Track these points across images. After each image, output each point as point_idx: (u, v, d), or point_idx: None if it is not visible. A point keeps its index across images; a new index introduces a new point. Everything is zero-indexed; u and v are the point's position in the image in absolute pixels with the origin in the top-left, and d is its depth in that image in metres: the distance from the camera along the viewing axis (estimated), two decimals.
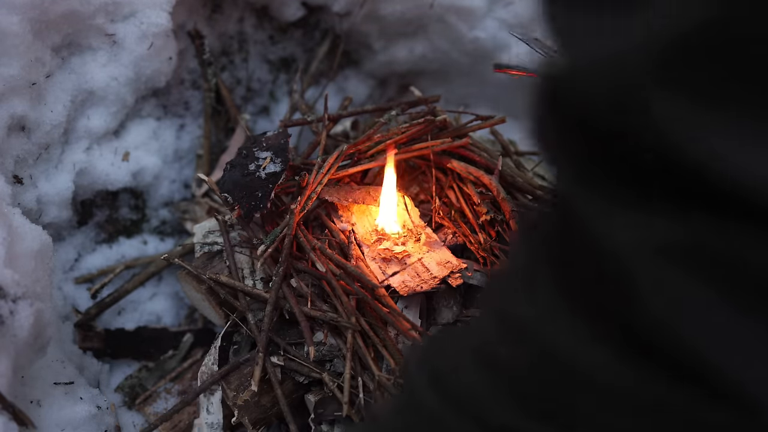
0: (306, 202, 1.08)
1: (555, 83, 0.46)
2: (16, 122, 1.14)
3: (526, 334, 0.46)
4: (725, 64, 0.37)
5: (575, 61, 0.44)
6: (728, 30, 0.36)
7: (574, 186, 0.44)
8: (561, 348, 0.44)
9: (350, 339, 0.98)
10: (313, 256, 1.04)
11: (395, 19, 1.51)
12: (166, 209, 1.44)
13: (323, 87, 1.58)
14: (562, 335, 0.44)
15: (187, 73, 1.44)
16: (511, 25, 1.49)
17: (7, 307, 0.91)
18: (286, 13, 1.49)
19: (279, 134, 1.18)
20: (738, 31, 0.36)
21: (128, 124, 1.37)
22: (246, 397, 1.02)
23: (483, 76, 1.62)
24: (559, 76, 0.46)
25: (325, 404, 1.02)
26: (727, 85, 0.37)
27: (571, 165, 0.46)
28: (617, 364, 0.42)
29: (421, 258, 1.05)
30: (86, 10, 1.21)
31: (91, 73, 1.26)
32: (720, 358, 0.39)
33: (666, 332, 0.40)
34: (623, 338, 0.42)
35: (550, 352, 0.45)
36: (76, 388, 1.07)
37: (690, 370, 0.40)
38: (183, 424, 1.12)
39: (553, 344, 0.45)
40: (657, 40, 0.38)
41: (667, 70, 0.38)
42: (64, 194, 1.24)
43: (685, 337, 0.39)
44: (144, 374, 1.29)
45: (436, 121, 1.18)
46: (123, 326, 1.31)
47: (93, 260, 1.35)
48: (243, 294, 1.07)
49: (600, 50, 0.41)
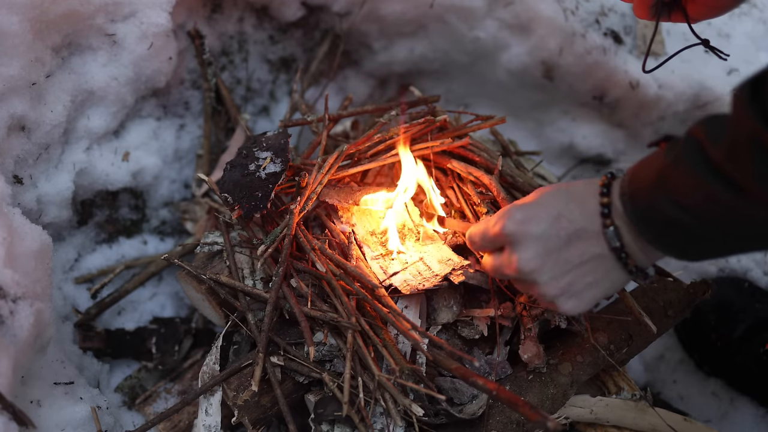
0: (306, 203, 1.08)
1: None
2: (16, 122, 1.14)
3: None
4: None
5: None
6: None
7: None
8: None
9: (350, 339, 0.98)
10: (313, 256, 1.04)
11: (395, 19, 1.51)
12: (166, 209, 1.44)
13: (323, 87, 1.58)
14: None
15: (187, 73, 1.44)
16: (510, 25, 1.50)
17: (7, 307, 0.91)
18: (286, 13, 1.49)
19: (279, 134, 1.18)
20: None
21: (128, 124, 1.37)
22: (246, 397, 1.03)
23: (483, 75, 1.62)
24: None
25: (325, 404, 1.02)
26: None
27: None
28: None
29: (422, 257, 1.05)
30: (86, 10, 1.21)
31: (91, 73, 1.26)
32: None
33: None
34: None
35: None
36: (76, 388, 1.07)
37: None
38: (183, 424, 1.13)
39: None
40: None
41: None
42: (64, 194, 1.24)
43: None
44: (144, 374, 1.29)
45: (436, 121, 1.18)
46: (123, 326, 1.31)
47: (93, 260, 1.36)
48: (243, 294, 1.07)
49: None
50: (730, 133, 0.66)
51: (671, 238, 0.75)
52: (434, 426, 1.02)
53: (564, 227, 0.82)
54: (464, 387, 1.02)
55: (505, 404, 0.84)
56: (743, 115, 0.63)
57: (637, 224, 0.76)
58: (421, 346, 0.94)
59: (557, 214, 0.83)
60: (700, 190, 0.68)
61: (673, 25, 1.56)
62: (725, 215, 0.67)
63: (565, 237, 0.82)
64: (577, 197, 0.84)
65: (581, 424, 1.11)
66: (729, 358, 1.34)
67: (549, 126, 1.64)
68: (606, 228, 0.79)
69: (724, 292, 1.35)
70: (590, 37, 1.48)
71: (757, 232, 0.68)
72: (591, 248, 0.81)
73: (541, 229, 0.83)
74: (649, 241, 0.77)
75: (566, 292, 0.84)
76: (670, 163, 0.72)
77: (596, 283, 0.83)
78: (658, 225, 0.74)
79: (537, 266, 0.83)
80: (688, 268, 1.44)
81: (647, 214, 0.75)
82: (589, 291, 0.83)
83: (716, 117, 0.69)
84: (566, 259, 0.82)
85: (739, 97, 0.64)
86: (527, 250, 0.84)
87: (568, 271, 0.82)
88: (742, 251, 0.76)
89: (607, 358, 1.07)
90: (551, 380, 1.05)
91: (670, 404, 1.37)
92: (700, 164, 0.68)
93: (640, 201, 0.76)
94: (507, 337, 1.10)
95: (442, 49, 1.58)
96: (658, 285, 1.17)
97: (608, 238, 0.79)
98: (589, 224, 0.81)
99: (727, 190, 0.66)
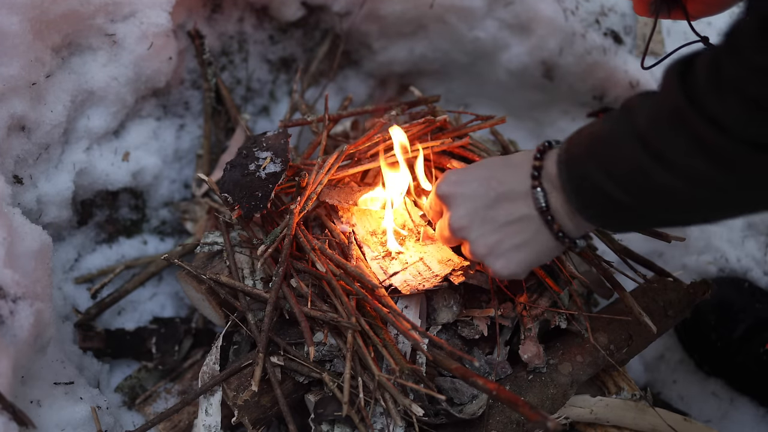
0: (306, 203, 1.08)
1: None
2: (16, 122, 1.14)
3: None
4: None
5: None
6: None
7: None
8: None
9: (350, 339, 0.98)
10: (313, 256, 1.04)
11: (395, 19, 1.51)
12: (166, 209, 1.44)
13: (323, 87, 1.58)
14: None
15: (187, 73, 1.44)
16: (510, 25, 1.50)
17: (7, 307, 0.91)
18: (286, 13, 1.49)
19: (279, 134, 1.18)
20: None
21: (128, 124, 1.37)
22: (246, 397, 1.03)
23: (483, 75, 1.62)
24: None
25: (325, 404, 1.02)
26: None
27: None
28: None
29: (422, 257, 1.05)
30: (86, 10, 1.21)
31: (91, 73, 1.26)
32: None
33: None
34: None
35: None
36: (76, 388, 1.07)
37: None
38: (183, 424, 1.13)
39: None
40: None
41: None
42: (64, 194, 1.24)
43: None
44: (144, 374, 1.29)
45: (436, 121, 1.18)
46: (123, 326, 1.31)
47: (93, 260, 1.36)
48: (243, 294, 1.07)
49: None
50: (655, 105, 0.68)
51: (598, 207, 0.76)
52: (434, 426, 1.02)
53: (494, 187, 0.86)
54: (464, 387, 1.02)
55: (505, 404, 0.85)
56: (671, 89, 0.65)
57: (568, 191, 0.78)
58: (421, 346, 0.94)
59: (489, 175, 0.87)
60: (625, 159, 0.70)
61: (673, 24, 1.56)
62: (646, 185, 0.69)
63: (494, 196, 0.85)
64: (512, 163, 0.87)
65: (581, 424, 1.11)
66: (729, 358, 1.34)
67: (549, 126, 1.64)
68: (534, 189, 0.82)
69: (724, 292, 1.35)
70: (590, 37, 1.48)
71: (676, 205, 0.70)
72: (518, 209, 0.84)
73: (471, 188, 0.87)
74: (578, 209, 0.78)
75: (494, 252, 0.86)
76: (603, 132, 0.74)
77: (524, 244, 0.85)
78: (587, 193, 0.76)
79: (467, 223, 0.88)
80: (688, 268, 1.44)
81: (578, 183, 0.77)
82: (517, 252, 0.85)
83: (652, 91, 0.71)
84: (493, 218, 0.85)
85: (670, 73, 0.66)
86: (458, 209, 0.89)
87: (495, 230, 0.85)
88: (662, 224, 0.80)
89: (607, 358, 1.07)
90: (551, 380, 1.05)
91: (670, 404, 1.37)
92: (627, 134, 0.70)
93: (573, 169, 0.77)
94: (507, 337, 1.10)
95: (442, 49, 1.58)
96: (658, 285, 1.17)
97: (534, 197, 0.82)
98: (519, 186, 0.84)
99: (649, 160, 0.68)
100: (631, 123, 0.70)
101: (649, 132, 0.67)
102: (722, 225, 1.45)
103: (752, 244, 1.43)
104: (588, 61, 1.48)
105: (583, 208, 0.78)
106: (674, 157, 0.66)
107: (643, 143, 0.68)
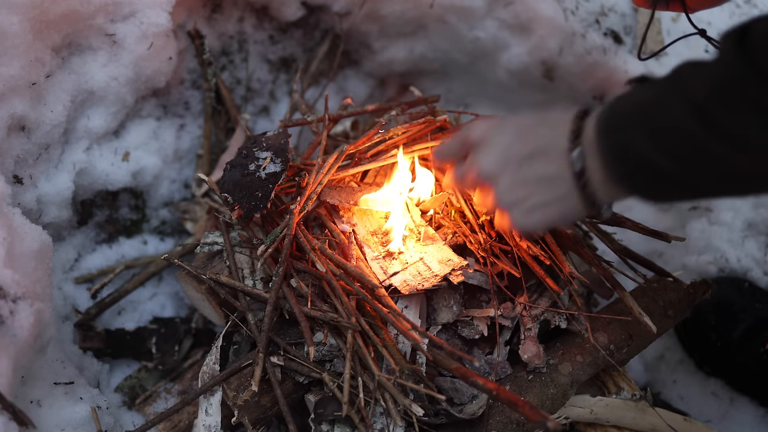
0: (306, 203, 1.08)
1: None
2: (16, 122, 1.14)
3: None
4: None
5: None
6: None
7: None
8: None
9: (350, 339, 0.98)
10: (313, 256, 1.04)
11: (395, 19, 1.51)
12: (166, 209, 1.44)
13: (323, 87, 1.58)
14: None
15: (187, 73, 1.44)
16: (510, 25, 1.50)
17: (7, 307, 0.91)
18: (286, 13, 1.49)
19: (279, 134, 1.18)
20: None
21: (128, 124, 1.37)
22: (246, 397, 1.03)
23: (483, 75, 1.62)
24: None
25: (325, 404, 1.02)
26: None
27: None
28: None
29: (422, 257, 1.05)
30: (86, 10, 1.21)
31: (91, 73, 1.26)
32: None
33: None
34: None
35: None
36: (76, 388, 1.07)
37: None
38: (183, 424, 1.13)
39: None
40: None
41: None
42: (64, 194, 1.24)
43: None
44: (144, 374, 1.29)
45: (436, 121, 1.18)
46: (123, 326, 1.31)
47: (93, 260, 1.36)
48: (243, 294, 1.07)
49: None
50: (711, 72, 0.66)
51: (639, 176, 0.74)
52: (434, 426, 1.02)
53: (530, 141, 0.83)
54: (464, 387, 1.02)
55: (505, 404, 0.85)
56: (728, 56, 0.64)
57: (608, 159, 0.76)
58: (421, 346, 0.94)
59: (525, 129, 0.85)
60: (677, 128, 0.68)
61: (673, 24, 1.56)
62: (698, 155, 0.68)
63: (529, 151, 0.83)
64: (548, 121, 0.85)
65: (581, 424, 1.11)
66: (729, 358, 1.34)
67: None
68: (571, 151, 0.79)
69: (724, 292, 1.35)
70: (590, 37, 1.48)
71: (725, 175, 0.69)
72: (552, 168, 0.81)
73: (507, 138, 0.85)
74: (616, 178, 0.76)
75: (519, 205, 0.84)
76: (650, 101, 0.72)
77: (551, 203, 0.83)
78: (630, 162, 0.74)
79: (497, 170, 0.85)
80: (688, 268, 1.44)
81: (620, 151, 0.75)
82: (543, 210, 0.84)
83: (702, 61, 0.69)
84: (525, 172, 0.83)
85: (726, 41, 0.65)
86: (490, 155, 0.86)
87: (524, 183, 0.83)
88: (700, 195, 0.77)
89: (607, 358, 1.07)
90: (551, 380, 1.05)
91: (670, 404, 1.37)
92: (679, 103, 0.68)
93: (616, 136, 0.75)
94: (507, 337, 1.10)
95: (441, 49, 1.58)
96: (658, 285, 1.17)
97: (572, 159, 0.79)
98: (556, 145, 0.81)
99: (705, 129, 0.66)
100: (683, 90, 0.68)
101: (707, 100, 0.65)
102: (722, 225, 1.45)
103: (752, 244, 1.43)
104: (588, 61, 1.48)
105: (623, 177, 0.75)
106: (731, 125, 0.64)
107: (699, 111, 0.66)
